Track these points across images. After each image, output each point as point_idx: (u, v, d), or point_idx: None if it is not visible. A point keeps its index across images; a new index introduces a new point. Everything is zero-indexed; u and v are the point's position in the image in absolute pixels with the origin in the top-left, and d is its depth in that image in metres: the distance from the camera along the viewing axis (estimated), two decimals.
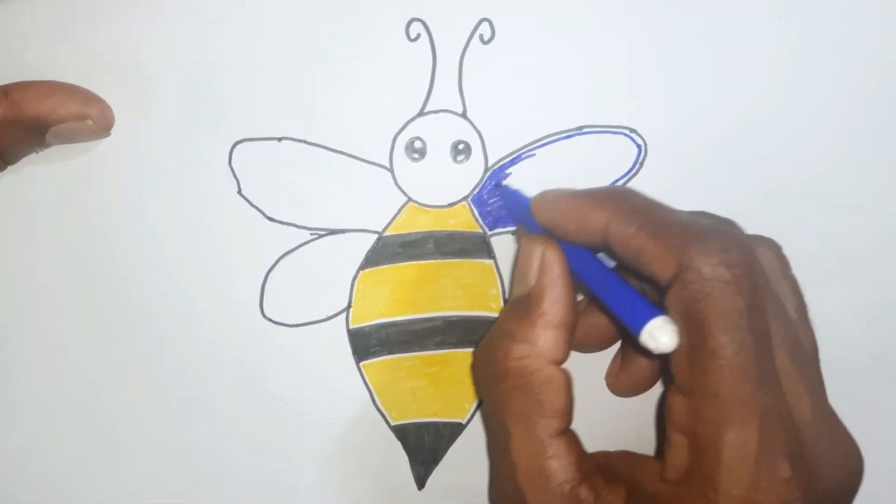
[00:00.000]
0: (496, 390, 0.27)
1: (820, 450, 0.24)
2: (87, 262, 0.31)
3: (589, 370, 0.31)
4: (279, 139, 0.31)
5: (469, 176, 0.31)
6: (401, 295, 0.31)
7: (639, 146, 0.31)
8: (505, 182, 0.31)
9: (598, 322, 0.30)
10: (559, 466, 0.25)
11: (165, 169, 0.31)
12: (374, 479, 0.32)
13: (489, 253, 0.31)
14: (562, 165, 0.31)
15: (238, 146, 0.31)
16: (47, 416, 0.32)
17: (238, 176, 0.31)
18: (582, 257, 0.27)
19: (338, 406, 0.32)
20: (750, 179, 0.31)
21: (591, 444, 0.27)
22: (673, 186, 0.31)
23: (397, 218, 0.31)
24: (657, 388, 0.31)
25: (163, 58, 0.30)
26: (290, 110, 0.31)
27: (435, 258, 0.31)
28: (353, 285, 0.31)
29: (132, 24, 0.30)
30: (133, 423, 0.32)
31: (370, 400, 0.32)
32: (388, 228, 0.31)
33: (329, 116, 0.31)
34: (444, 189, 0.31)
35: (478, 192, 0.31)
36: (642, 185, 0.31)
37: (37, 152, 0.30)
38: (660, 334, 0.23)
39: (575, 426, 0.27)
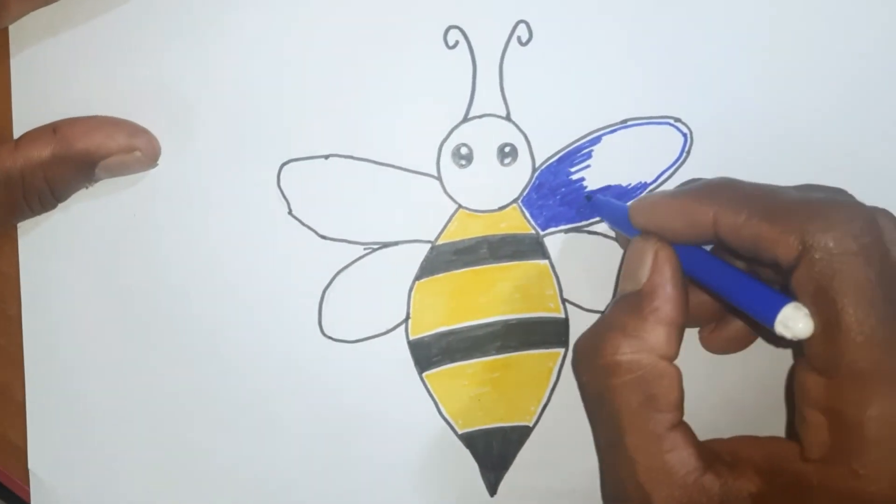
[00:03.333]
0: (605, 384, 0.26)
1: None
2: (144, 295, 0.31)
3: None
4: (326, 157, 0.31)
5: (517, 178, 0.31)
6: (458, 302, 0.31)
7: (684, 135, 0.31)
8: (586, 190, 0.31)
9: (699, 298, 0.29)
10: (680, 458, 0.25)
11: (215, 195, 0.31)
12: (445, 489, 0.32)
13: (543, 253, 0.31)
14: (609, 159, 0.31)
15: (285, 167, 0.31)
16: (115, 451, 0.31)
17: (287, 197, 0.31)
18: (694, 255, 0.26)
19: (404, 418, 0.31)
20: (797, 163, 0.31)
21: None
22: (720, 173, 0.30)
23: (449, 226, 0.31)
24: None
25: (205, 85, 0.31)
26: (335, 127, 0.31)
27: (490, 263, 0.31)
28: (409, 296, 0.31)
29: (173, 54, 0.31)
30: (201, 450, 0.31)
31: (436, 410, 0.32)
32: (441, 237, 0.31)
33: (374, 130, 0.31)
34: (493, 193, 0.31)
35: (528, 193, 0.31)
36: (690, 173, 0.31)
37: (86, 188, 0.30)
38: (793, 322, 0.23)
39: None
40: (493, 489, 0.32)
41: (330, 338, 0.31)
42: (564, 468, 0.32)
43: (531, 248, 0.31)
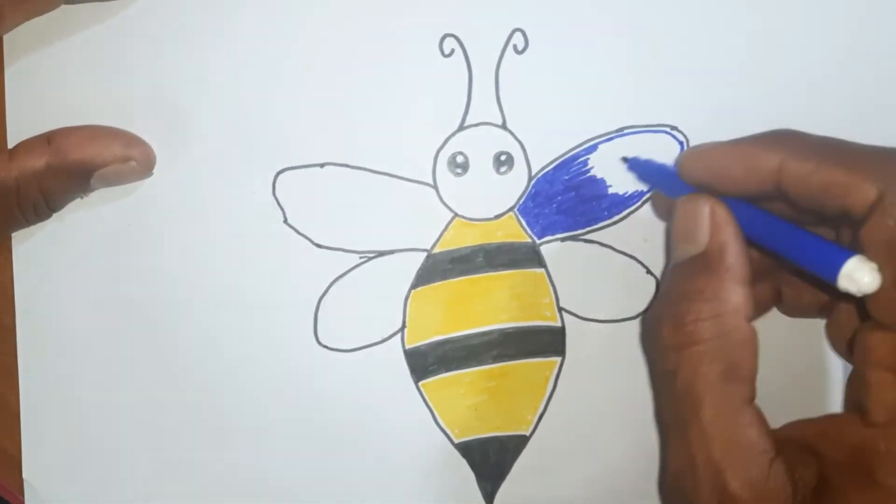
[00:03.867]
0: (683, 355, 0.25)
1: None
2: (139, 304, 0.31)
3: None
4: (321, 165, 0.31)
5: (513, 186, 0.31)
6: (455, 311, 0.31)
7: (680, 143, 0.31)
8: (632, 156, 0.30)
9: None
10: (758, 435, 0.24)
11: (210, 205, 0.31)
12: (441, 498, 0.32)
13: (540, 262, 0.31)
14: (606, 168, 0.31)
15: (281, 175, 0.31)
16: (108, 460, 0.31)
17: (283, 205, 0.31)
18: (746, 212, 0.25)
19: (400, 427, 0.31)
20: None
21: None
22: None
23: (445, 234, 0.31)
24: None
25: (200, 94, 0.31)
26: (330, 136, 0.31)
27: (486, 271, 0.31)
28: (406, 305, 0.31)
29: (168, 63, 0.31)
30: (196, 459, 0.31)
31: (432, 419, 0.31)
32: (437, 245, 0.31)
33: (369, 138, 0.31)
34: (489, 201, 0.31)
35: (524, 202, 0.31)
36: None
37: (81, 198, 0.30)
38: (859, 275, 0.22)
39: None
40: (489, 499, 0.32)
41: (325, 346, 0.31)
42: (561, 477, 0.31)
43: (527, 256, 0.31)
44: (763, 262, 0.28)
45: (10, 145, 0.30)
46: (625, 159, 0.30)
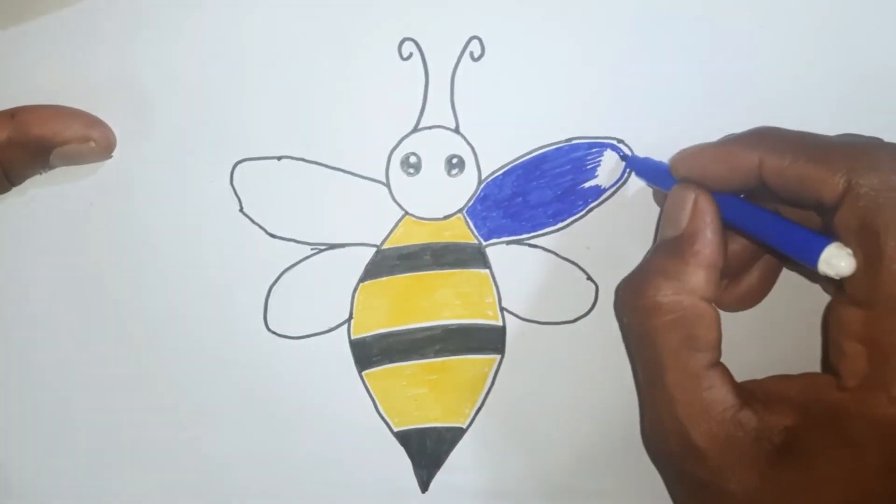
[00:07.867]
0: (647, 324, 0.27)
1: None
2: (93, 281, 0.32)
3: None
4: (278, 158, 0.32)
5: (463, 189, 0.32)
6: (400, 305, 0.32)
7: (624, 155, 0.32)
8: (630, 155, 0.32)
9: (730, 248, 0.30)
10: (718, 395, 0.26)
11: (168, 189, 0.32)
12: (378, 484, 0.33)
13: (485, 263, 0.32)
14: (553, 175, 0.32)
15: (239, 166, 0.32)
16: (58, 430, 0.32)
17: (239, 194, 0.32)
18: (732, 204, 0.27)
19: (342, 414, 0.33)
20: None
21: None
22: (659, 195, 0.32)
23: (395, 231, 0.32)
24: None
25: (163, 81, 0.31)
26: (289, 130, 0.32)
27: (432, 269, 0.32)
28: (353, 297, 0.32)
29: (133, 49, 0.31)
30: (142, 435, 0.32)
31: (373, 407, 0.33)
32: (386, 242, 0.32)
33: (326, 135, 0.32)
34: (439, 202, 0.32)
35: (472, 204, 0.32)
36: (631, 192, 0.32)
37: (41, 174, 0.31)
38: (836, 260, 0.24)
39: None
40: (424, 486, 0.33)
41: (274, 333, 0.32)
42: (495, 469, 0.33)
43: (473, 256, 0.32)
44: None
45: None
46: (623, 157, 0.32)
